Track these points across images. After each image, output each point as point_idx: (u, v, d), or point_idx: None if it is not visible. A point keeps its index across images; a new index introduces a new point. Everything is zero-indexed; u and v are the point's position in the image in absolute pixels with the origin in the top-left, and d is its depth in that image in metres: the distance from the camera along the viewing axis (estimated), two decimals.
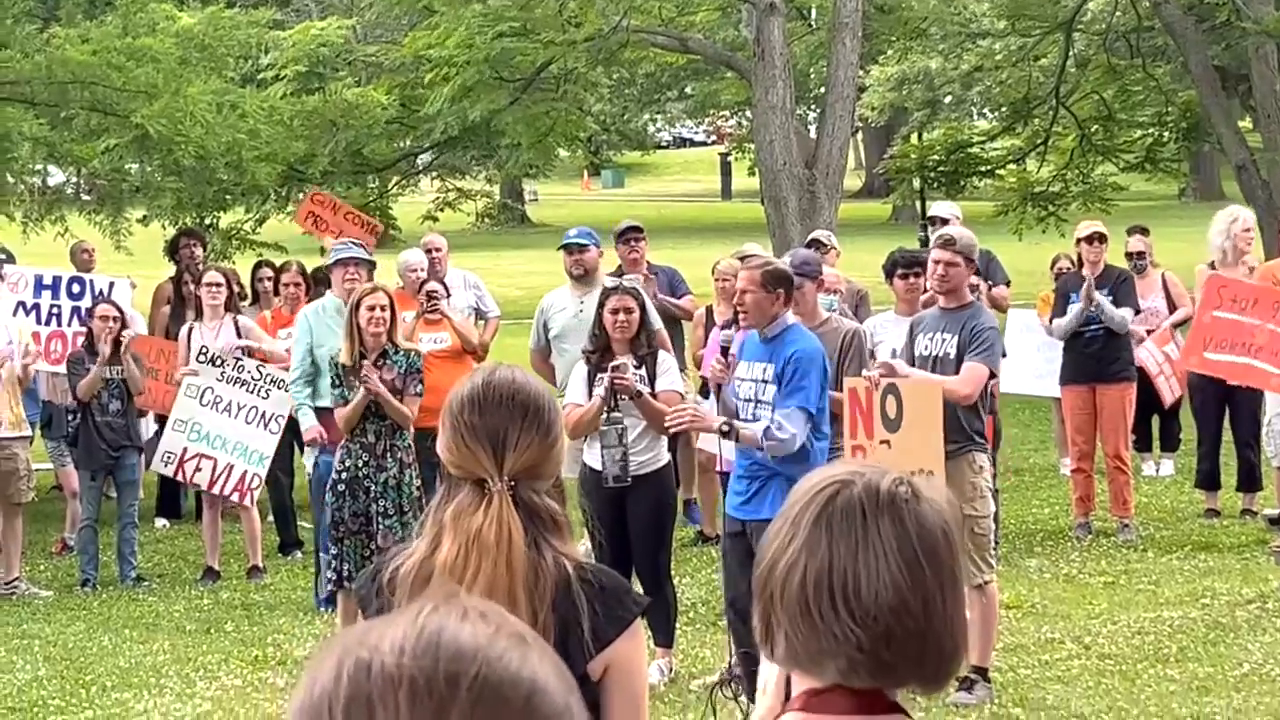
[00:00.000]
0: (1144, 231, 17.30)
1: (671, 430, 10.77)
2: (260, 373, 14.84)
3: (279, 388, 14.68)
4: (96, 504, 14.65)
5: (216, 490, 14.70)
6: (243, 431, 14.71)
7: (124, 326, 14.65)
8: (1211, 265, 15.04)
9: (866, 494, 2.72)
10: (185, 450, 14.69)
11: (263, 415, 14.75)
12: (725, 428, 9.88)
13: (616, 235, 15.62)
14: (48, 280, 16.33)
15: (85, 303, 15.78)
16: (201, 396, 14.79)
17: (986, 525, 10.54)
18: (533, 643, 1.76)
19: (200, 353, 14.92)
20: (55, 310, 16.07)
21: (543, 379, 6.04)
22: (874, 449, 10.28)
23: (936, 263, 10.86)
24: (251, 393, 14.76)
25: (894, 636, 2.65)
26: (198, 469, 14.69)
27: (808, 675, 2.74)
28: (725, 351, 10.91)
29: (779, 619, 2.72)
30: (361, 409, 12.05)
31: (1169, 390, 16.40)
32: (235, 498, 14.79)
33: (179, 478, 14.77)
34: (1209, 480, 15.69)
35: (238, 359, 14.84)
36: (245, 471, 14.68)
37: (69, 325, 15.71)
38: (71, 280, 16.45)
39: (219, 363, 14.80)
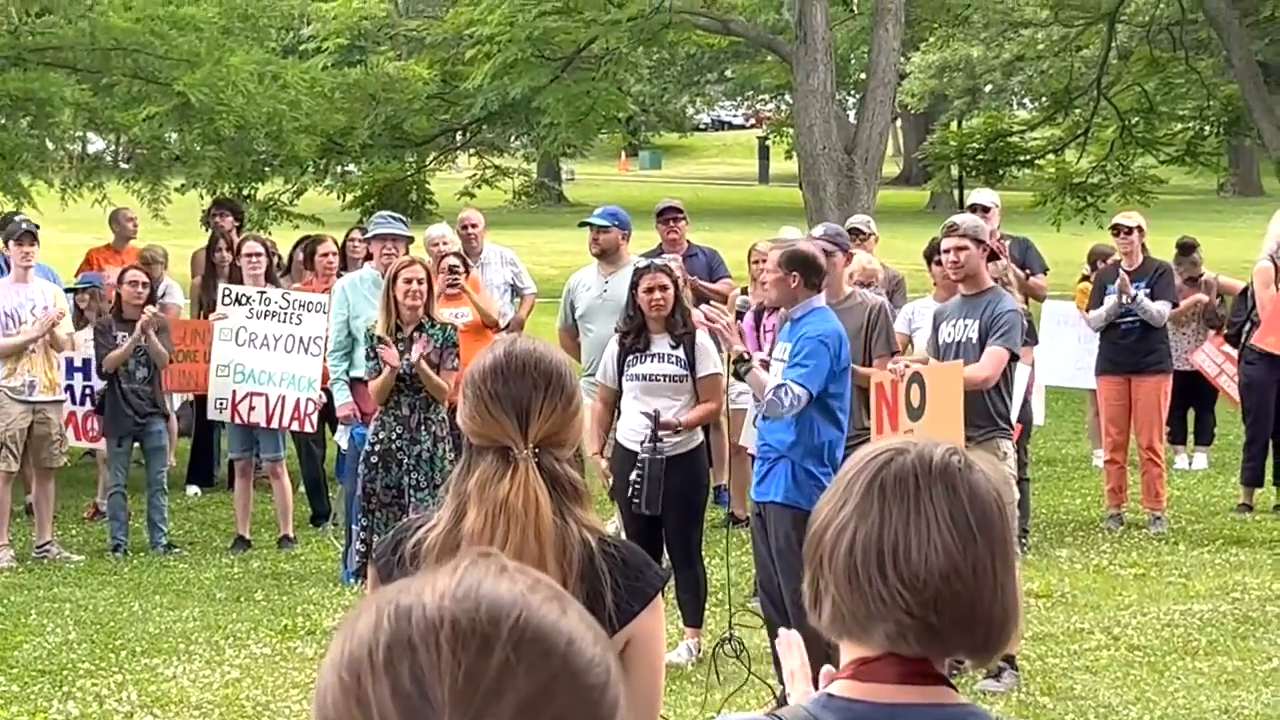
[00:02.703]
0: (1191, 248, 17.25)
1: (703, 326, 10.70)
2: (287, 300, 14.95)
3: (310, 310, 14.82)
4: (125, 470, 14.69)
5: (275, 424, 14.78)
6: (285, 361, 14.79)
7: (152, 295, 14.71)
8: (1272, 259, 15.04)
9: (920, 462, 2.72)
10: (235, 393, 14.78)
11: (300, 341, 14.82)
12: (745, 355, 9.88)
13: (656, 214, 15.59)
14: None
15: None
16: (236, 337, 14.89)
17: (1010, 512, 10.50)
18: (570, 599, 1.77)
19: (224, 294, 15.01)
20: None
21: (569, 355, 6.13)
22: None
23: (947, 251, 10.90)
24: (284, 321, 14.86)
25: (943, 601, 2.65)
26: (251, 408, 14.77)
27: (856, 643, 2.74)
28: (739, 316, 10.86)
29: (827, 583, 2.72)
30: (393, 380, 12.07)
31: (1234, 388, 16.33)
32: (295, 426, 14.88)
33: (236, 420, 14.80)
34: (1255, 478, 15.65)
35: (262, 292, 14.92)
36: (299, 399, 14.77)
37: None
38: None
39: (244, 301, 14.90)
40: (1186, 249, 17.33)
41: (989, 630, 2.70)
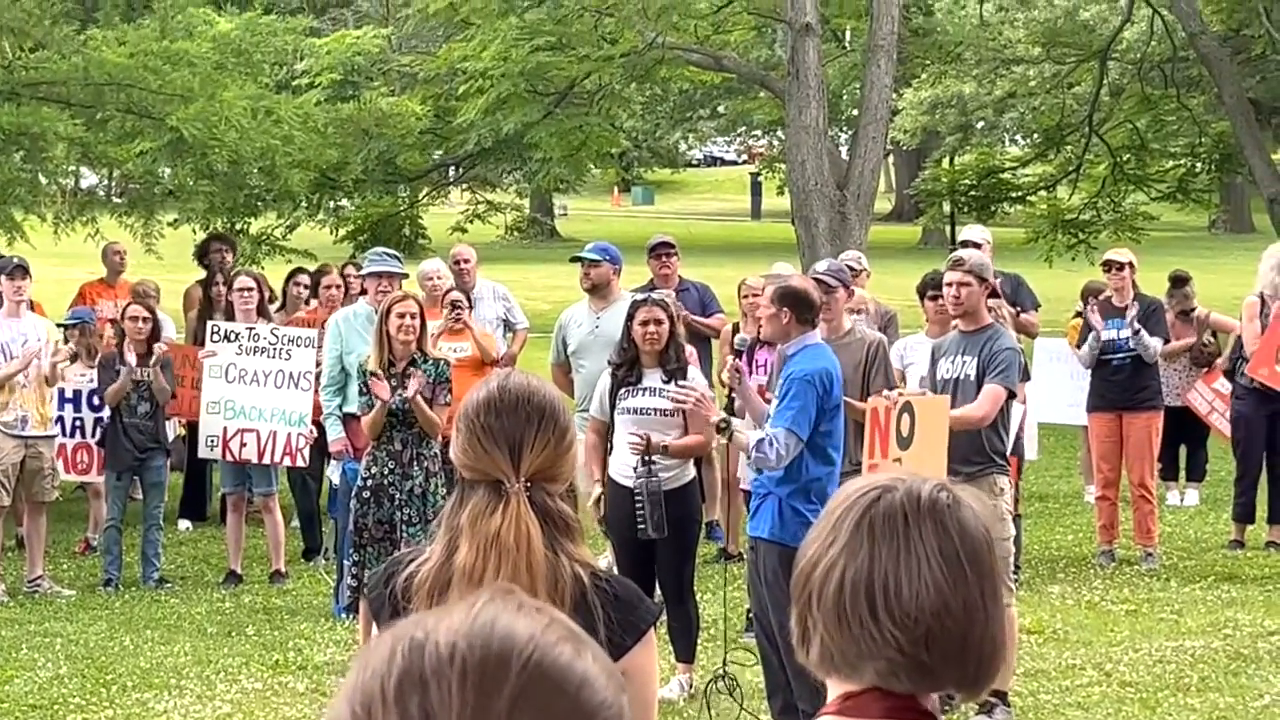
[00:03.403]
0: (1184, 281, 17.32)
1: (676, 406, 10.65)
2: (277, 335, 14.93)
3: (299, 345, 14.82)
4: (122, 505, 14.68)
5: (267, 460, 14.76)
6: (275, 397, 14.78)
7: (155, 329, 14.68)
8: (1260, 297, 15.07)
9: (908, 499, 2.71)
10: (226, 430, 14.76)
11: (290, 376, 14.81)
12: (722, 424, 9.85)
13: (648, 250, 15.58)
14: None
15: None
16: (226, 374, 14.87)
17: (1006, 548, 10.51)
18: (586, 640, 1.77)
19: (213, 332, 15.01)
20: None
21: (562, 391, 6.12)
22: (887, 467, 10.23)
23: (949, 284, 10.86)
24: (274, 357, 14.84)
25: (934, 638, 2.65)
26: (243, 444, 14.75)
27: (845, 680, 2.73)
28: (739, 355, 10.81)
29: (815, 622, 2.72)
30: (385, 416, 12.08)
31: (1226, 424, 16.34)
32: (287, 461, 14.87)
33: (227, 458, 14.78)
34: (1246, 514, 15.65)
35: (250, 327, 14.92)
36: (290, 434, 14.75)
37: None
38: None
39: (234, 337, 14.90)
40: (1179, 282, 17.36)
41: (979, 664, 2.71)
